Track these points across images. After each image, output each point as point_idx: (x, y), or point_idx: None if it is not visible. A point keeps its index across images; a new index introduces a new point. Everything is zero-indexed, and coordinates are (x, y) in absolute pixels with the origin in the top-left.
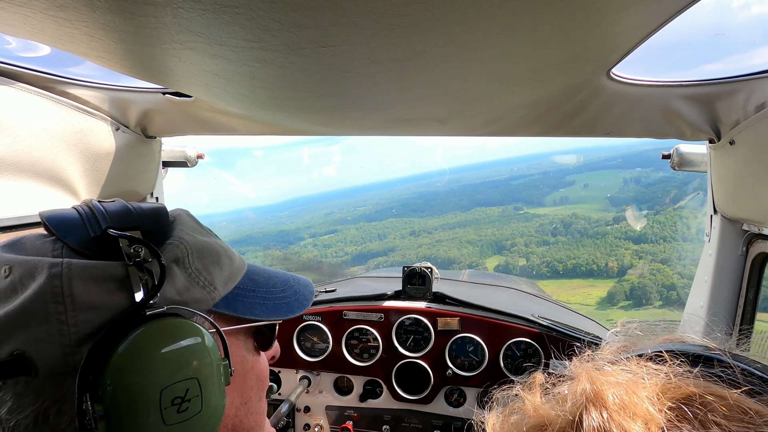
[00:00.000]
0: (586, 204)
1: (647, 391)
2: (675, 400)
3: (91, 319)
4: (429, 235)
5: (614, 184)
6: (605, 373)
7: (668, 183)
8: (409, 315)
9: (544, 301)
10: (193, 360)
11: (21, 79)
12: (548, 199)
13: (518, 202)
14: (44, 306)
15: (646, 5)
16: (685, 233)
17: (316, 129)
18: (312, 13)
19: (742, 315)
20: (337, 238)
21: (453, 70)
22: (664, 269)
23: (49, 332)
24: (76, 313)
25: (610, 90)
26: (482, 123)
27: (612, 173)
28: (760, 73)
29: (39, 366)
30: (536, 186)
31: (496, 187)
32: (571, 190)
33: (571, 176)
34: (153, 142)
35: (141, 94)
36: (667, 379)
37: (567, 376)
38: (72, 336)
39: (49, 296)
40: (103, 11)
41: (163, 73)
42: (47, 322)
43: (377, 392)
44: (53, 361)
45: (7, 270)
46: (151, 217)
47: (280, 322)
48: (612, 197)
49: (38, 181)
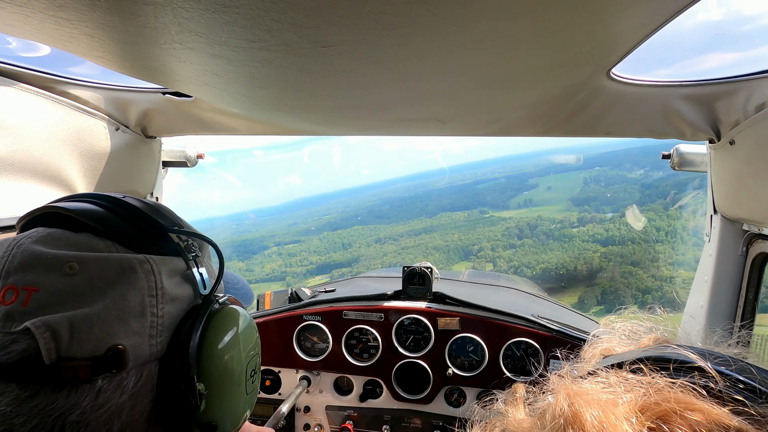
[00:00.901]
0: (550, 206)
1: (626, 409)
2: (654, 419)
3: (172, 310)
4: (395, 242)
5: (575, 185)
6: (583, 391)
7: (629, 183)
8: (409, 315)
9: (544, 301)
10: (255, 336)
11: (21, 79)
12: (513, 202)
13: (484, 206)
14: (141, 300)
15: (646, 5)
16: (654, 235)
17: (316, 129)
18: (312, 13)
19: (742, 315)
20: (301, 248)
21: (453, 71)
22: (637, 272)
23: (143, 325)
24: (164, 306)
25: (610, 90)
26: (482, 123)
27: (573, 175)
28: (760, 73)
29: (129, 358)
30: (501, 189)
31: (462, 192)
32: (535, 193)
33: (534, 179)
34: (153, 142)
35: (141, 94)
36: (646, 395)
37: (548, 386)
38: (158, 327)
39: (146, 291)
40: (103, 11)
41: (163, 73)
42: (142, 315)
43: (377, 392)
44: (141, 353)
45: (76, 266)
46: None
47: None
48: (574, 198)
49: (38, 181)
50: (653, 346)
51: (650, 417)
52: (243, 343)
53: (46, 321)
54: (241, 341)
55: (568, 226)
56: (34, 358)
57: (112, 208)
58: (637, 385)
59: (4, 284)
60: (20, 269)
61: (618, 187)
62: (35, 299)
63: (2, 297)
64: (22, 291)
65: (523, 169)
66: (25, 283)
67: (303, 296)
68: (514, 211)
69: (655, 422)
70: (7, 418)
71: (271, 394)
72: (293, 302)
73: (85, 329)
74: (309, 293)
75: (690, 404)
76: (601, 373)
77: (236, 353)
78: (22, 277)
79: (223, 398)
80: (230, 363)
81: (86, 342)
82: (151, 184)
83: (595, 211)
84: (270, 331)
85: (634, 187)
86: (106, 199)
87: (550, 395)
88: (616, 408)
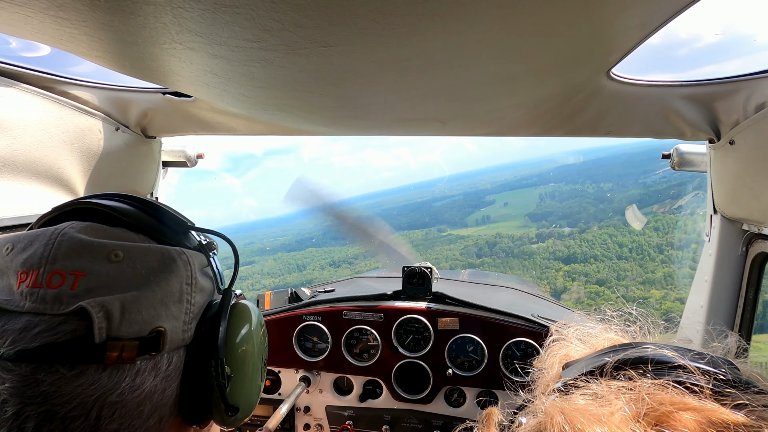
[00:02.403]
0: (508, 222)
1: (626, 418)
2: (654, 425)
3: (200, 300)
4: (350, 265)
5: (531, 201)
6: (577, 407)
7: (584, 197)
8: (409, 315)
9: (544, 301)
10: (264, 329)
11: (21, 79)
12: (471, 219)
13: (442, 224)
14: (180, 287)
15: (646, 5)
16: (617, 251)
17: (316, 129)
18: (312, 13)
19: (741, 315)
20: (254, 270)
21: (453, 70)
22: (604, 291)
23: (180, 311)
24: (195, 295)
25: (610, 90)
26: (482, 123)
27: (528, 191)
28: (760, 73)
29: (167, 341)
30: (458, 207)
31: (420, 210)
32: (492, 209)
33: (490, 196)
34: (153, 142)
35: (141, 94)
36: (638, 400)
37: (522, 405)
38: (190, 314)
39: (185, 279)
40: (103, 11)
41: (163, 73)
42: (180, 301)
43: (377, 392)
44: (175, 337)
45: (120, 254)
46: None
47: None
48: (531, 214)
49: (38, 181)
50: (619, 346)
51: (650, 422)
52: (257, 334)
53: (100, 302)
54: (255, 332)
55: (527, 242)
56: (83, 338)
57: (140, 206)
58: (626, 391)
59: (52, 269)
60: (67, 255)
61: (572, 202)
62: (83, 283)
63: (48, 281)
64: (69, 275)
65: (479, 186)
66: (73, 268)
67: (303, 296)
68: (472, 228)
69: (656, 428)
70: (48, 398)
71: (271, 394)
72: (293, 302)
73: (135, 310)
74: (309, 293)
75: (684, 404)
76: (582, 384)
77: (254, 342)
78: (70, 263)
79: (244, 383)
80: (250, 350)
81: (134, 323)
82: (151, 184)
83: (552, 226)
84: (270, 331)
85: (589, 201)
86: (131, 198)
87: (526, 416)
88: (615, 418)
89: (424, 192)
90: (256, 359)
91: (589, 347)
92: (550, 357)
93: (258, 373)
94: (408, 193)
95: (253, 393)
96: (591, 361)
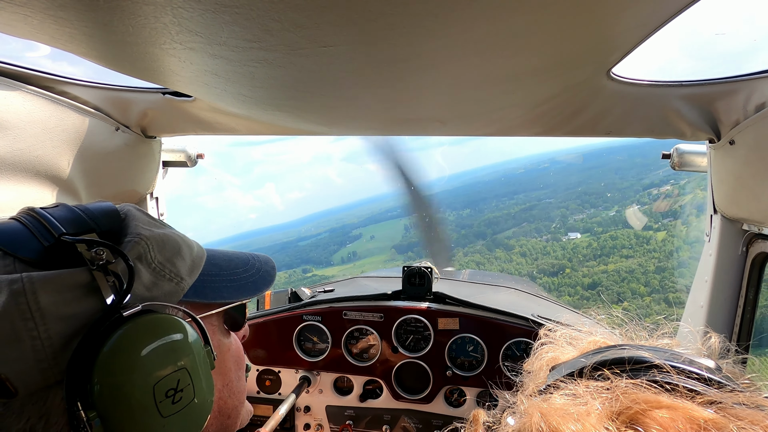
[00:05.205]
0: (374, 256)
1: (600, 417)
2: (627, 423)
3: (63, 330)
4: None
5: (397, 233)
6: (556, 407)
7: (458, 224)
8: (409, 315)
9: (544, 301)
10: (178, 351)
11: (21, 79)
12: (336, 257)
13: (307, 264)
14: (12, 325)
15: (646, 5)
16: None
17: (316, 129)
18: (312, 13)
19: (741, 315)
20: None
21: (453, 70)
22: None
23: (23, 350)
24: (48, 327)
25: (610, 90)
26: (482, 123)
27: (393, 222)
28: (760, 73)
29: (17, 386)
30: (323, 245)
31: (284, 250)
32: (359, 244)
33: (357, 230)
34: (153, 142)
35: (141, 94)
36: (614, 399)
37: (506, 407)
38: (47, 350)
39: (16, 314)
40: (103, 11)
41: (163, 73)
42: (19, 341)
43: (377, 392)
44: (31, 379)
45: None
46: (105, 217)
47: (249, 302)
48: (397, 245)
49: (38, 181)
50: (602, 348)
51: (624, 421)
52: (151, 360)
53: None
54: (148, 358)
55: None
56: None
57: (29, 221)
58: (603, 391)
59: None
60: None
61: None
62: None
63: None
64: None
65: (346, 221)
66: None
67: (303, 296)
68: (337, 267)
69: (629, 425)
70: None
71: (271, 394)
72: (293, 302)
73: None
74: (309, 293)
75: (658, 402)
76: (563, 385)
77: (139, 373)
78: None
79: (128, 424)
80: (129, 385)
81: None
82: (150, 184)
83: (419, 257)
84: (270, 331)
85: (451, 228)
86: (33, 211)
87: (511, 416)
88: (591, 417)
89: (289, 232)
90: (144, 391)
91: (578, 350)
92: (537, 360)
93: (152, 409)
94: (274, 234)
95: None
96: (573, 363)
